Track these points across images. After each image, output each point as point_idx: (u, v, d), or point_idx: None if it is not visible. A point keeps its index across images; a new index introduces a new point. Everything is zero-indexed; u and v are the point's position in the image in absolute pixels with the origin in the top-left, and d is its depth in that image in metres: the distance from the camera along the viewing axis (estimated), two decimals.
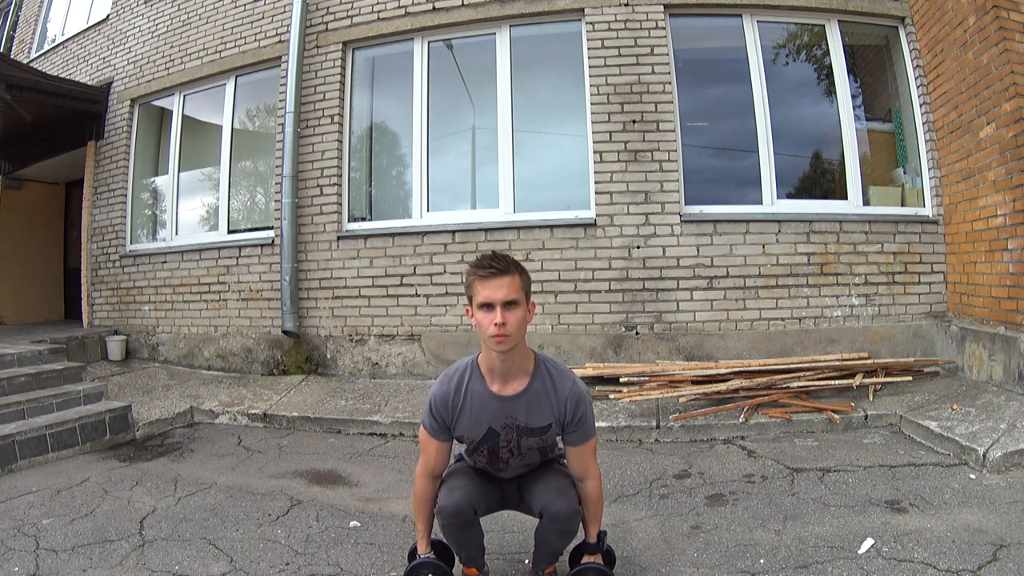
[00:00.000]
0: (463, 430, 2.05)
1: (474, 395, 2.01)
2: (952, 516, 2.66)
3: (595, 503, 2.10)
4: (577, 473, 2.09)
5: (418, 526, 2.16)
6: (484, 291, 1.86)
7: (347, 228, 5.68)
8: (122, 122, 7.01)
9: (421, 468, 2.11)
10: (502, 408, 2.00)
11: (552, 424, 2.02)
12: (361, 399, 4.89)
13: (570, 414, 2.00)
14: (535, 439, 2.04)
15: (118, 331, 6.75)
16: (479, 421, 2.01)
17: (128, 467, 3.83)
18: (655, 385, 4.37)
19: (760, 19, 5.17)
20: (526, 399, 2.00)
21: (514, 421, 2.01)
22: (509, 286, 1.86)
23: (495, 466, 2.13)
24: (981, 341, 4.24)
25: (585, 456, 2.06)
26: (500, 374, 2.00)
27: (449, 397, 2.02)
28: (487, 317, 1.87)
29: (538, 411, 2.00)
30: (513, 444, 2.05)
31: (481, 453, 2.10)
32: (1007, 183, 4.05)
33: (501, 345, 1.88)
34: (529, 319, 1.95)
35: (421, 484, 2.12)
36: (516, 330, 1.88)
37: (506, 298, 1.86)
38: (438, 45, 5.65)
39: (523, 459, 2.11)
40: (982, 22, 4.12)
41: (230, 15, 6.32)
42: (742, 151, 5.17)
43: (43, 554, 2.65)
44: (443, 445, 2.08)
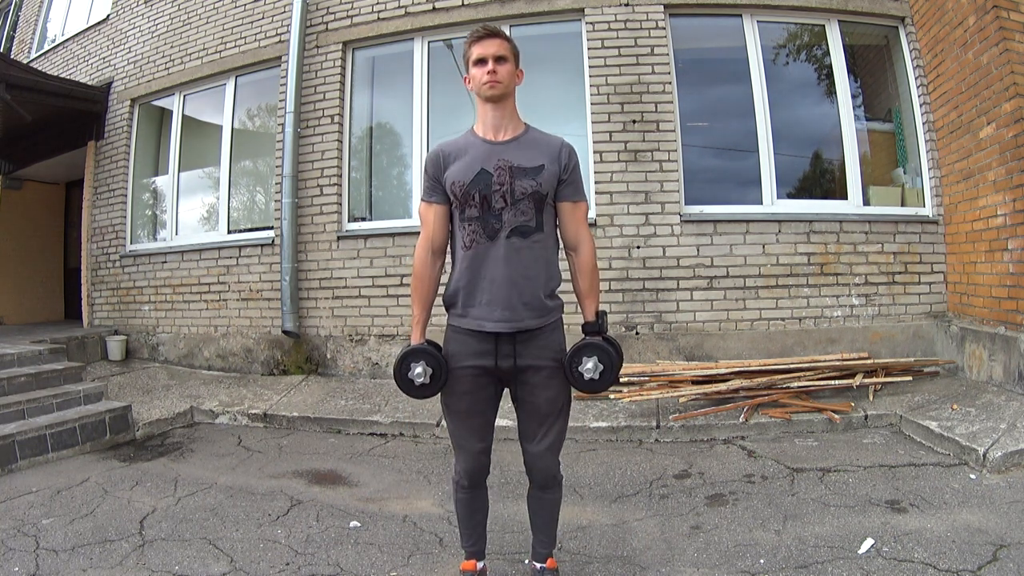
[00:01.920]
0: (455, 175, 1.98)
1: (467, 143, 2.04)
2: (952, 516, 2.66)
3: (590, 272, 2.10)
4: (569, 239, 2.09)
5: (414, 311, 2.09)
6: (478, 49, 1.99)
7: (347, 228, 5.68)
8: (122, 122, 7.02)
9: (421, 240, 2.08)
10: (494, 151, 2.00)
11: (546, 165, 1.99)
12: (361, 399, 4.89)
13: (566, 158, 2.03)
14: (529, 181, 1.97)
15: (118, 331, 6.75)
16: (471, 163, 1.99)
17: (128, 467, 3.83)
18: (655, 385, 4.37)
19: (760, 19, 5.17)
20: (519, 143, 2.02)
21: (507, 163, 1.98)
22: (499, 45, 2.00)
23: (487, 225, 1.97)
24: (981, 341, 4.24)
25: (578, 217, 2.08)
26: (493, 126, 2.03)
27: (441, 150, 2.06)
28: (480, 70, 1.98)
29: (531, 152, 2.01)
30: (506, 188, 1.96)
31: (473, 203, 1.97)
32: (1007, 183, 4.05)
33: (493, 89, 1.97)
34: (518, 82, 2.06)
35: (421, 257, 2.07)
36: (506, 79, 1.98)
37: (497, 53, 1.98)
38: (438, 45, 5.66)
39: (517, 211, 1.97)
40: (982, 22, 4.12)
41: (230, 15, 6.32)
42: (742, 151, 5.17)
43: (43, 554, 2.65)
44: (441, 208, 2.05)
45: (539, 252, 2.02)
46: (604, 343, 2.03)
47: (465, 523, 2.20)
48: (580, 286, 2.11)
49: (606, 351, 2.01)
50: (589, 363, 1.99)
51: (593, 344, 2.02)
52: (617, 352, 2.05)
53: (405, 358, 2.03)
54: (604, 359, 2.00)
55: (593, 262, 2.10)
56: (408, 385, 2.04)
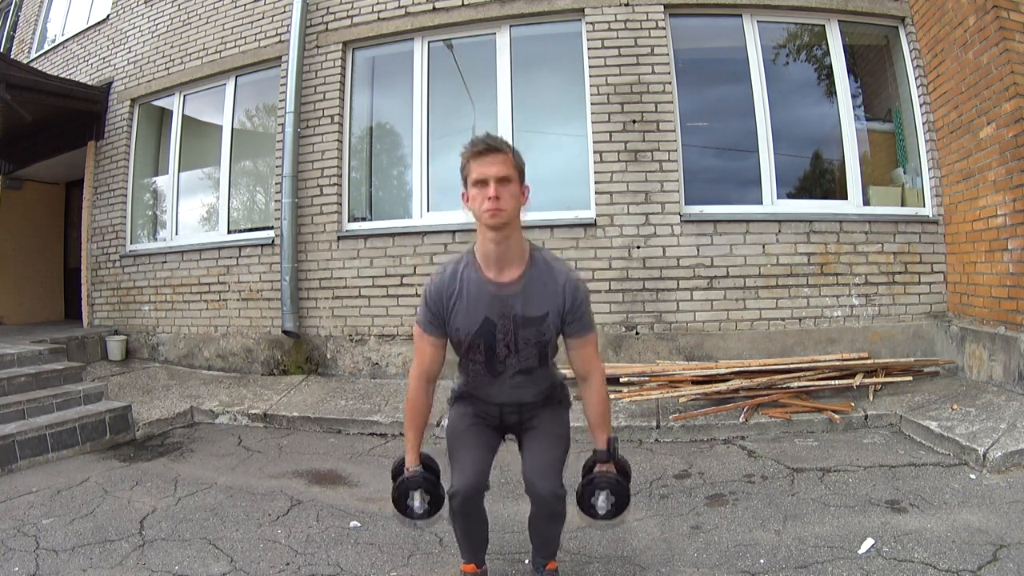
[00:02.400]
0: (458, 322, 1.95)
1: (470, 282, 1.93)
2: (952, 516, 2.66)
3: (600, 404, 2.02)
4: (580, 371, 2.02)
5: (407, 436, 2.07)
6: (478, 168, 1.83)
7: (347, 228, 5.68)
8: (122, 122, 7.01)
9: (415, 370, 2.03)
10: (498, 295, 1.92)
11: (550, 312, 1.94)
12: (361, 399, 4.89)
13: (569, 301, 1.94)
14: (532, 330, 1.95)
15: (118, 331, 6.75)
16: (475, 310, 1.93)
17: (128, 467, 3.83)
18: (655, 385, 4.37)
19: (760, 19, 5.17)
20: (523, 285, 1.93)
21: (511, 310, 1.92)
22: (503, 163, 1.83)
23: (492, 368, 2.01)
24: (981, 341, 4.24)
25: (587, 351, 2.00)
26: (496, 260, 1.91)
27: (444, 286, 1.95)
28: (481, 193, 1.82)
29: (535, 298, 1.93)
30: (510, 337, 1.95)
31: (477, 351, 1.99)
32: (1007, 183, 4.05)
33: (495, 218, 1.81)
34: (524, 202, 1.90)
35: (415, 388, 2.03)
36: (510, 205, 1.83)
37: (499, 174, 1.82)
38: (438, 45, 5.65)
39: (520, 358, 1.99)
40: (982, 22, 4.12)
41: (230, 15, 6.32)
42: (742, 151, 5.17)
43: (43, 554, 2.65)
44: (438, 342, 2.00)
45: (542, 377, 2.08)
46: (615, 475, 2.03)
47: (463, 541, 2.17)
48: (591, 416, 2.05)
49: (618, 483, 2.03)
50: (601, 498, 2.01)
51: (604, 479, 2.02)
52: (627, 475, 2.08)
53: (402, 486, 2.04)
54: (616, 490, 2.02)
55: (604, 393, 2.04)
56: (408, 512, 2.06)
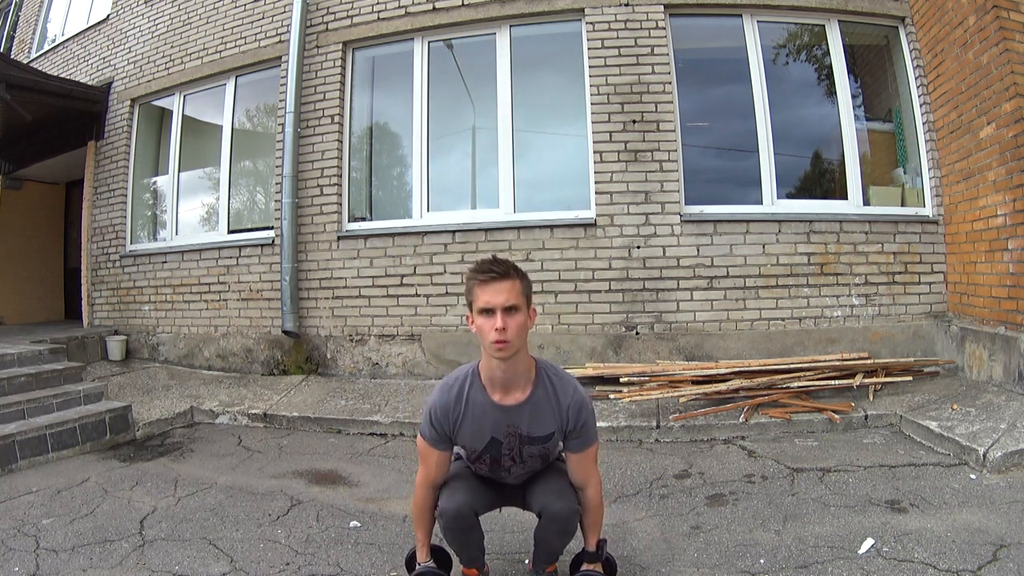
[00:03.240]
0: (465, 440, 2.03)
1: (475, 405, 1.97)
2: (952, 516, 2.66)
3: (595, 510, 2.08)
4: (578, 480, 2.06)
5: (417, 535, 2.15)
6: (484, 296, 1.84)
7: (347, 228, 5.68)
8: (122, 122, 7.01)
9: (421, 478, 2.09)
10: (504, 418, 1.98)
11: (555, 432, 2.01)
12: (361, 399, 4.89)
13: (572, 422, 1.98)
14: (537, 447, 2.03)
15: (118, 331, 6.75)
16: (481, 431, 1.99)
17: (128, 467, 3.83)
18: (655, 385, 4.37)
19: (760, 19, 5.17)
20: (528, 408, 1.97)
21: (516, 430, 1.99)
22: (510, 291, 1.84)
23: (497, 473, 2.12)
24: (981, 341, 4.24)
25: (586, 463, 2.04)
26: (501, 383, 1.96)
27: (450, 408, 1.98)
28: (488, 323, 1.84)
29: (540, 420, 1.98)
30: (515, 452, 2.03)
31: (483, 462, 2.09)
32: (1007, 183, 4.05)
33: (502, 352, 1.85)
34: (530, 325, 1.91)
35: (421, 494, 2.09)
36: (517, 336, 1.84)
37: (506, 303, 1.83)
38: (438, 45, 5.65)
39: (525, 466, 2.09)
40: (982, 22, 4.12)
41: (230, 15, 6.32)
42: (742, 151, 5.17)
43: (43, 554, 2.65)
44: (443, 455, 2.06)
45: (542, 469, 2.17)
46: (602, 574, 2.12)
47: (459, 552, 2.17)
48: (585, 521, 2.10)
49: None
50: None
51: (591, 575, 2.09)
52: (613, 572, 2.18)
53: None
54: None
55: (599, 500, 2.10)
56: None
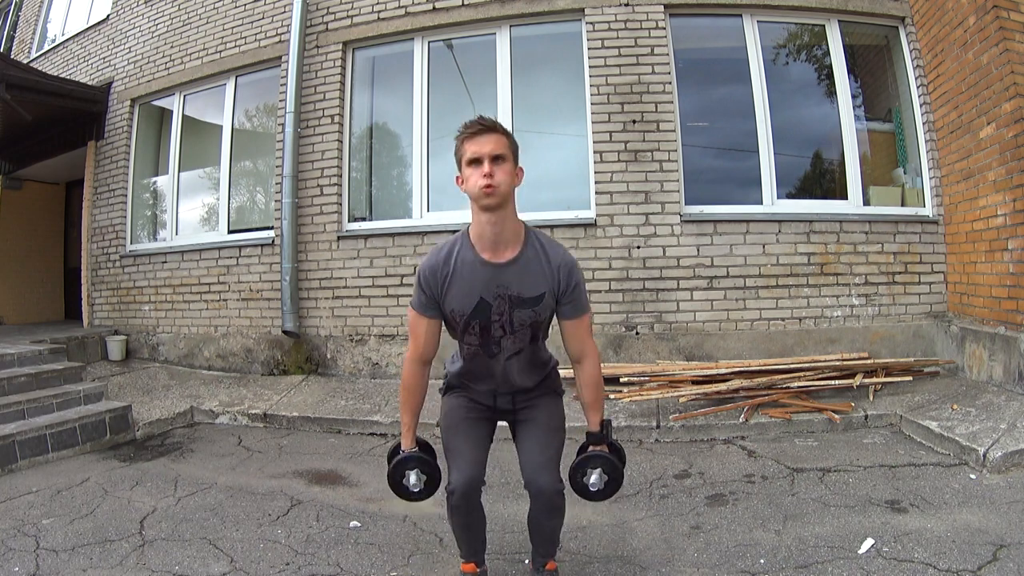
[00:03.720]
0: (454, 303, 1.95)
1: (464, 263, 1.93)
2: (952, 516, 2.66)
3: (594, 385, 2.05)
4: (574, 352, 2.04)
5: (403, 419, 2.08)
6: (472, 147, 1.86)
7: (347, 228, 5.68)
8: (122, 122, 7.01)
9: (411, 353, 2.03)
10: (493, 276, 1.92)
11: (545, 294, 1.95)
12: (361, 399, 4.89)
13: (564, 282, 1.95)
14: (528, 311, 1.96)
15: (118, 331, 6.75)
16: (470, 291, 1.93)
17: (128, 467, 3.83)
18: (655, 385, 4.37)
19: (760, 19, 5.17)
20: (518, 267, 1.93)
21: (506, 291, 1.93)
22: (496, 142, 1.86)
23: (488, 349, 2.02)
24: (981, 341, 4.24)
25: (581, 332, 2.02)
26: (491, 241, 1.91)
27: (439, 267, 1.95)
28: (476, 172, 1.84)
29: (530, 279, 1.94)
30: (505, 318, 1.96)
31: (472, 332, 1.99)
32: (1007, 183, 4.05)
33: (490, 198, 1.83)
34: (517, 182, 1.92)
35: (410, 370, 2.04)
36: (504, 183, 1.84)
37: (493, 152, 1.84)
38: (438, 45, 5.65)
39: (516, 340, 2.00)
40: (982, 22, 4.12)
41: (230, 15, 6.32)
42: (742, 151, 5.17)
43: (43, 554, 2.65)
44: (433, 323, 2.01)
45: (536, 357, 2.10)
46: (608, 454, 2.06)
47: (461, 538, 2.16)
48: (585, 397, 2.08)
49: (611, 462, 2.05)
50: (594, 476, 2.04)
51: (598, 456, 2.05)
52: (621, 459, 2.09)
53: (399, 466, 2.06)
54: (609, 470, 2.05)
55: (598, 375, 2.07)
56: (403, 490, 2.09)
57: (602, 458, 2.04)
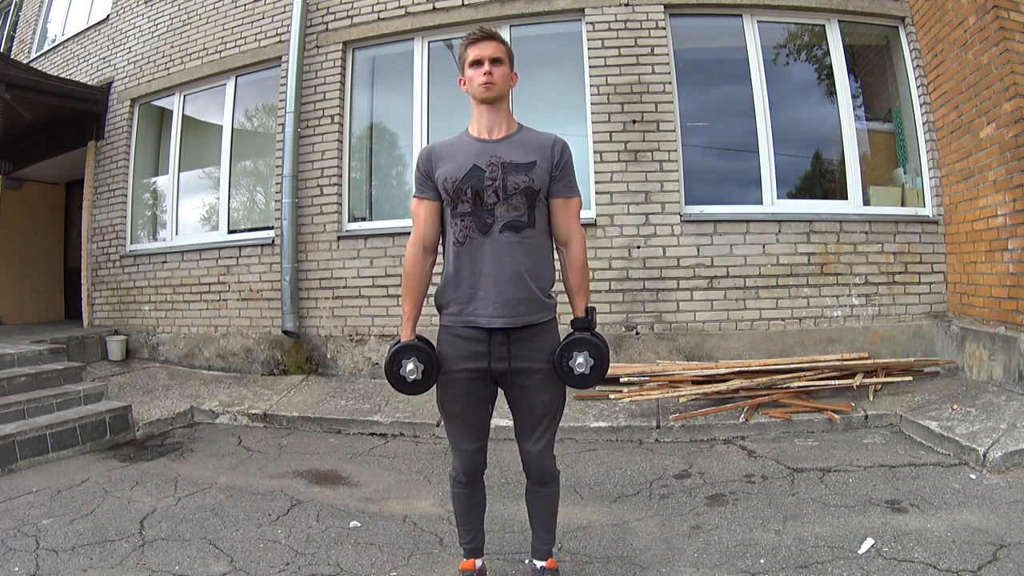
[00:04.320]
0: (447, 171, 2.01)
1: (460, 143, 2.09)
2: (952, 516, 2.66)
3: (579, 269, 2.09)
4: (561, 235, 2.09)
5: (405, 308, 2.08)
6: (474, 51, 2.02)
7: (347, 228, 5.68)
8: (122, 122, 7.01)
9: (413, 237, 2.09)
10: (487, 148, 2.03)
11: (537, 161, 2.01)
12: (361, 399, 4.89)
13: (557, 155, 2.04)
14: (521, 176, 1.98)
15: (118, 331, 6.75)
16: (463, 159, 2.02)
17: (128, 467, 3.83)
18: (655, 385, 4.37)
19: (760, 19, 5.17)
20: (511, 141, 2.05)
21: (499, 159, 2.00)
22: (495, 47, 2.02)
23: (480, 221, 1.98)
24: (981, 341, 4.24)
25: (570, 212, 2.08)
26: (487, 126, 2.06)
27: (433, 149, 2.10)
28: (477, 72, 2.01)
29: (523, 149, 2.03)
30: (499, 183, 1.97)
31: (465, 199, 1.98)
32: (1007, 183, 4.05)
33: (488, 91, 2.00)
34: (512, 85, 2.10)
35: (412, 254, 2.08)
36: (501, 80, 2.02)
37: (493, 55, 2.00)
38: (438, 45, 5.65)
39: (510, 206, 1.97)
40: (982, 22, 4.12)
41: (230, 15, 6.32)
42: (742, 151, 5.17)
43: (43, 554, 2.65)
44: (432, 204, 2.07)
45: (532, 247, 2.02)
46: (593, 338, 2.04)
47: (463, 519, 2.21)
48: (570, 282, 2.11)
49: (596, 346, 2.03)
50: (580, 358, 2.02)
51: (583, 339, 2.03)
52: (605, 347, 2.07)
53: (396, 355, 2.03)
54: (595, 354, 2.03)
55: (583, 258, 2.10)
56: (400, 382, 2.04)
57: (587, 342, 2.03)
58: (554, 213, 2.08)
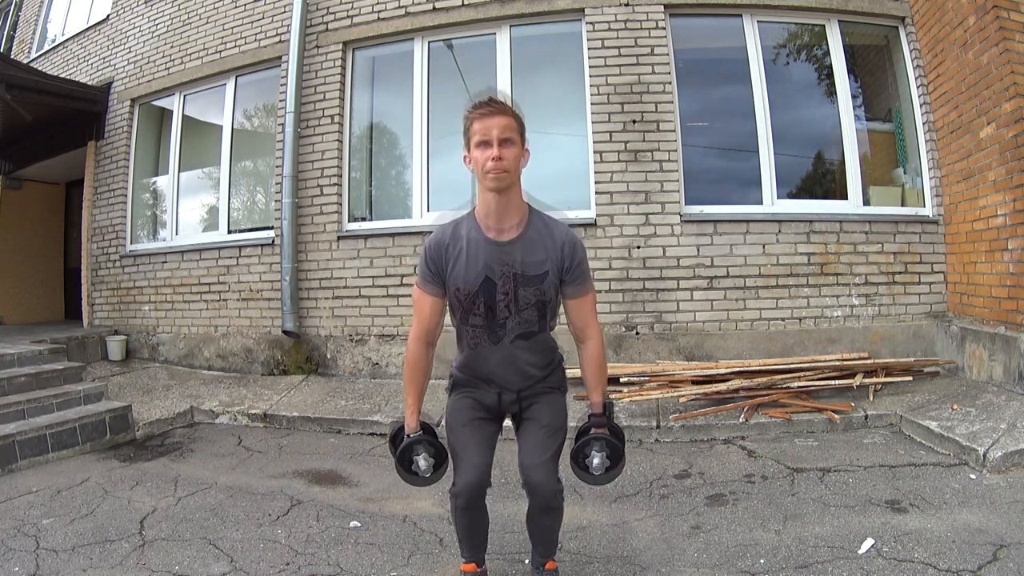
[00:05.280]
0: (459, 280, 1.96)
1: (469, 242, 1.95)
2: (952, 516, 2.67)
3: (597, 365, 2.04)
4: (578, 330, 2.04)
5: (408, 399, 2.06)
6: (481, 128, 1.87)
7: (347, 228, 5.68)
8: (122, 122, 7.01)
9: (415, 332, 2.03)
10: (499, 253, 1.94)
11: (549, 272, 1.95)
12: (361, 399, 4.89)
13: (568, 258, 1.96)
14: (532, 289, 1.96)
15: (118, 331, 6.75)
16: (475, 266, 1.94)
17: (128, 467, 3.83)
18: (655, 385, 4.37)
19: (760, 19, 5.17)
20: (522, 244, 1.94)
21: (511, 268, 1.94)
22: (505, 124, 1.86)
23: (492, 332, 2.00)
24: (981, 341, 4.24)
25: (585, 310, 2.02)
26: (496, 218, 1.93)
27: (445, 242, 1.97)
28: (484, 153, 1.86)
29: (535, 256, 1.95)
30: (510, 297, 1.96)
31: (477, 312, 1.98)
32: (1007, 183, 4.05)
33: (497, 180, 1.85)
34: (524, 163, 1.94)
35: (415, 349, 2.02)
36: (512, 165, 1.86)
37: (502, 135, 1.85)
38: (438, 45, 5.65)
39: (521, 319, 1.99)
40: (982, 22, 4.12)
41: (230, 15, 6.32)
42: (742, 151, 5.17)
43: (43, 554, 2.65)
44: (437, 301, 2.01)
45: (540, 346, 2.07)
46: (610, 436, 2.05)
47: (464, 539, 2.16)
48: (588, 377, 2.07)
49: (613, 445, 2.04)
50: (596, 459, 2.03)
51: (600, 438, 2.04)
52: (621, 441, 2.09)
53: (406, 451, 2.04)
54: (612, 454, 2.04)
55: (601, 354, 2.06)
56: (412, 477, 2.06)
57: (604, 440, 2.02)
58: (568, 310, 2.04)
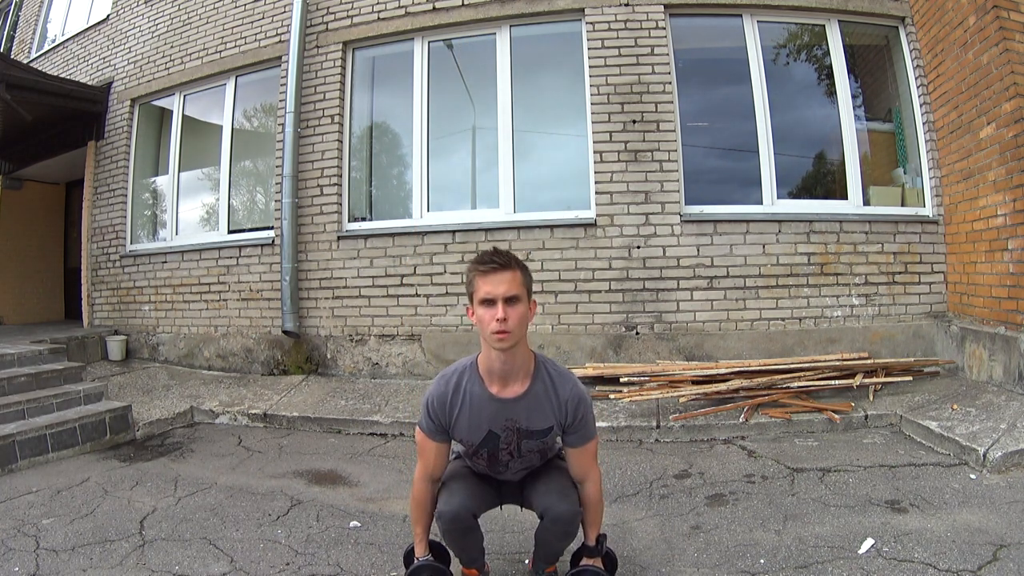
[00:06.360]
0: (462, 433, 2.01)
1: (473, 397, 1.96)
2: (952, 516, 2.66)
3: (595, 506, 2.07)
4: (577, 475, 2.06)
5: (415, 529, 2.13)
6: (485, 286, 1.83)
7: (347, 228, 5.68)
8: (122, 122, 7.02)
9: (420, 472, 2.08)
10: (502, 411, 1.97)
11: (553, 427, 1.99)
12: (361, 399, 4.89)
13: (571, 416, 1.97)
14: (535, 442, 2.02)
15: (118, 331, 6.75)
16: (478, 424, 1.98)
17: (128, 467, 3.83)
18: (655, 385, 4.37)
19: (760, 19, 5.17)
20: (526, 402, 1.96)
21: (514, 424, 1.98)
22: (511, 281, 1.83)
23: (495, 469, 2.11)
24: (981, 341, 4.24)
25: (585, 458, 2.04)
26: (500, 375, 1.95)
27: (447, 398, 1.98)
28: (488, 313, 1.83)
29: (539, 413, 1.97)
30: (513, 447, 2.02)
31: (480, 456, 2.07)
32: (1007, 183, 4.05)
33: (503, 342, 1.84)
34: (530, 317, 1.91)
35: (420, 488, 2.08)
36: (517, 326, 1.84)
37: (507, 293, 1.82)
38: (438, 45, 5.65)
39: (523, 462, 2.08)
40: (982, 22, 4.12)
41: (230, 15, 6.32)
42: (742, 151, 5.17)
43: (43, 554, 2.65)
44: (441, 447, 2.05)
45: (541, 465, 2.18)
46: (601, 569, 2.10)
47: (458, 554, 2.15)
48: (584, 517, 2.07)
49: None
50: None
51: (590, 570, 2.08)
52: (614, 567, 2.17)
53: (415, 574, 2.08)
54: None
55: (599, 496, 2.10)
56: None
57: (594, 573, 2.07)
58: (569, 456, 2.07)
